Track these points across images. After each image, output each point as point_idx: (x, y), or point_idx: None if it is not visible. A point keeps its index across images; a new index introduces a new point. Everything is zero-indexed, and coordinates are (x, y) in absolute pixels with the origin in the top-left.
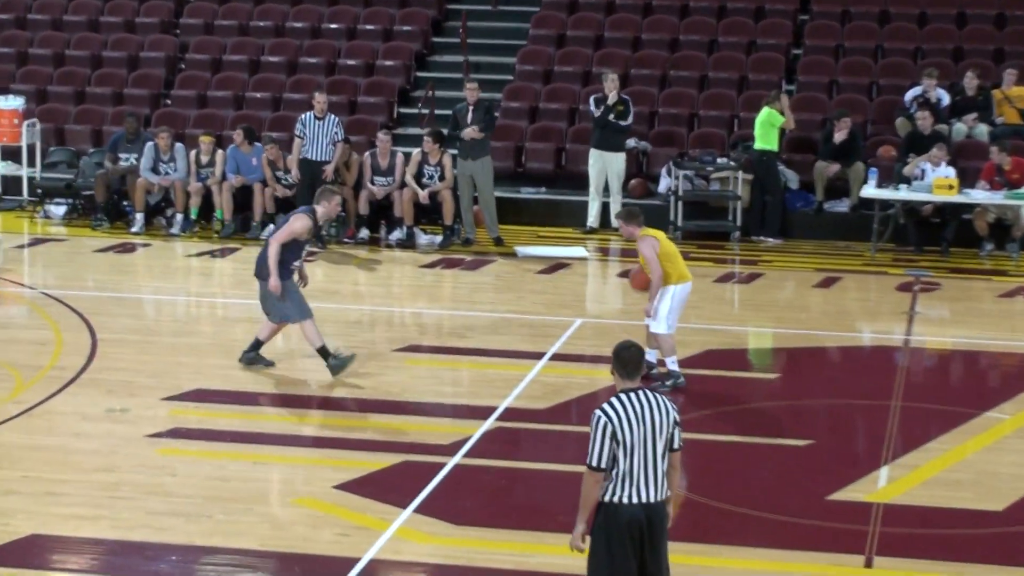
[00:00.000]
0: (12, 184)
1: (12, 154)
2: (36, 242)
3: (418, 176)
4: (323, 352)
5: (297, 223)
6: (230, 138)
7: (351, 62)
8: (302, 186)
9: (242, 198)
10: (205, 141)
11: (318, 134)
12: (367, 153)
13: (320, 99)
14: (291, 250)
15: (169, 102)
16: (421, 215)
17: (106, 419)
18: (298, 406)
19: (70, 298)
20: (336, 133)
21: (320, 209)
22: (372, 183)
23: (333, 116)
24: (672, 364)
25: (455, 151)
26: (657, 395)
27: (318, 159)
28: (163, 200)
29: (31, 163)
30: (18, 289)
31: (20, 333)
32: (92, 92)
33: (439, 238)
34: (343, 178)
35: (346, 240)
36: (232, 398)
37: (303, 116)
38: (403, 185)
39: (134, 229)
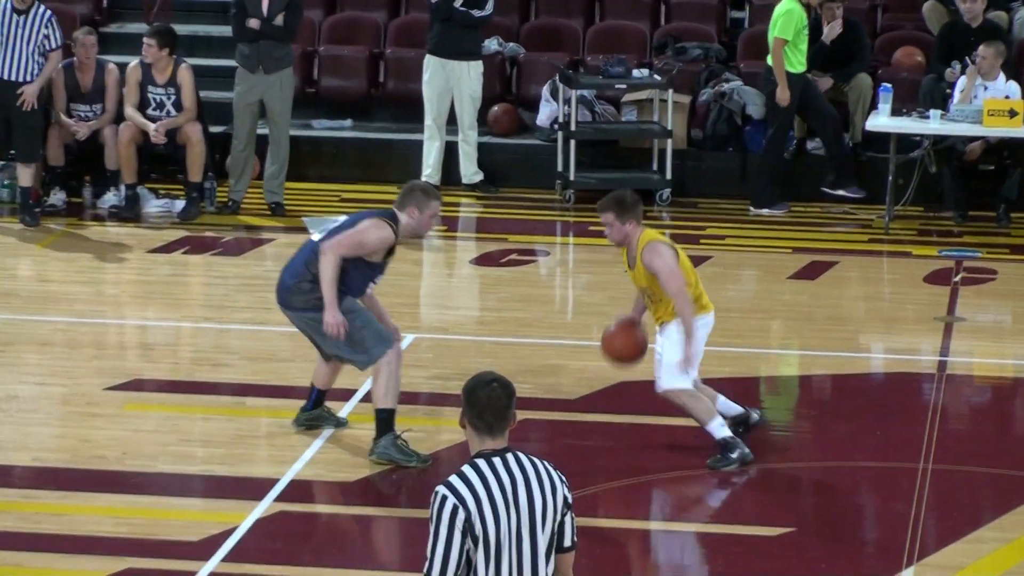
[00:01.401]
0: None
1: None
2: None
3: (142, 104)
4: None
5: (372, 232)
6: None
7: None
8: None
9: None
10: None
11: (15, 36)
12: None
13: None
14: (359, 273)
15: None
16: (150, 166)
17: None
18: None
19: None
20: (46, 36)
21: (405, 218)
22: (68, 114)
23: (43, 8)
24: (719, 430)
25: (218, 60)
26: (535, 461)
27: (12, 78)
28: None
29: None
30: None
31: None
32: None
33: (180, 203)
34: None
35: (36, 210)
36: None
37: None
38: (120, 118)
39: None
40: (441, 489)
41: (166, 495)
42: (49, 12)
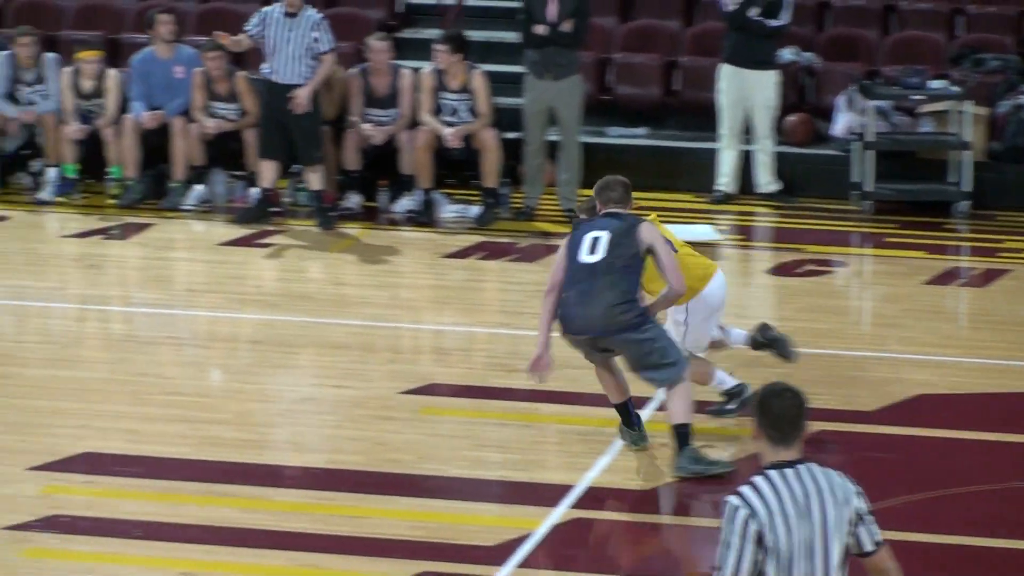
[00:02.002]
0: None
1: None
2: None
3: (436, 110)
4: (683, 436)
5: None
6: (130, 45)
7: None
8: (266, 128)
9: (156, 141)
10: (87, 59)
11: (285, 39)
12: (353, 70)
13: None
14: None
15: None
16: (446, 171)
17: None
18: (252, 480)
19: None
20: (316, 39)
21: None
22: (365, 119)
23: (313, 12)
24: (724, 380)
25: (509, 67)
26: (829, 472)
27: (285, 80)
28: (26, 146)
29: None
30: None
31: None
32: None
33: (475, 209)
34: (324, 110)
35: (331, 214)
36: (143, 468)
37: (265, 10)
38: (414, 123)
39: None
40: (733, 499)
41: (461, 499)
42: (319, 15)
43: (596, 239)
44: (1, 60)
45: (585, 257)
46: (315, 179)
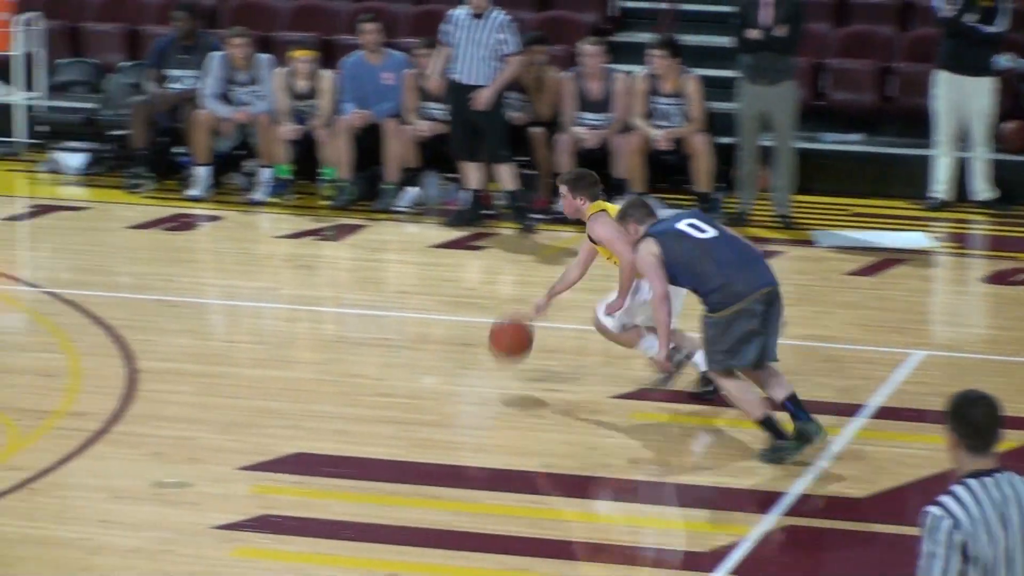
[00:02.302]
0: (1, 118)
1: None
2: (38, 211)
3: (649, 114)
4: (770, 426)
5: None
6: (342, 47)
7: None
8: (456, 129)
9: (369, 143)
10: (302, 58)
11: (472, 41)
12: (567, 73)
13: None
14: None
15: None
16: (658, 176)
17: (152, 499)
18: (462, 483)
19: (92, 302)
20: (501, 41)
21: None
22: (577, 123)
23: (499, 13)
24: (649, 348)
25: (723, 71)
26: None
27: (470, 81)
28: (239, 147)
29: (29, 85)
30: (10, 287)
31: (14, 358)
32: None
33: None
34: (535, 110)
35: (533, 216)
36: (353, 469)
37: (453, 13)
38: (626, 127)
39: (193, 192)
40: (935, 509)
41: (672, 505)
42: (506, 17)
43: (692, 225)
44: (215, 61)
45: (702, 235)
46: (506, 178)
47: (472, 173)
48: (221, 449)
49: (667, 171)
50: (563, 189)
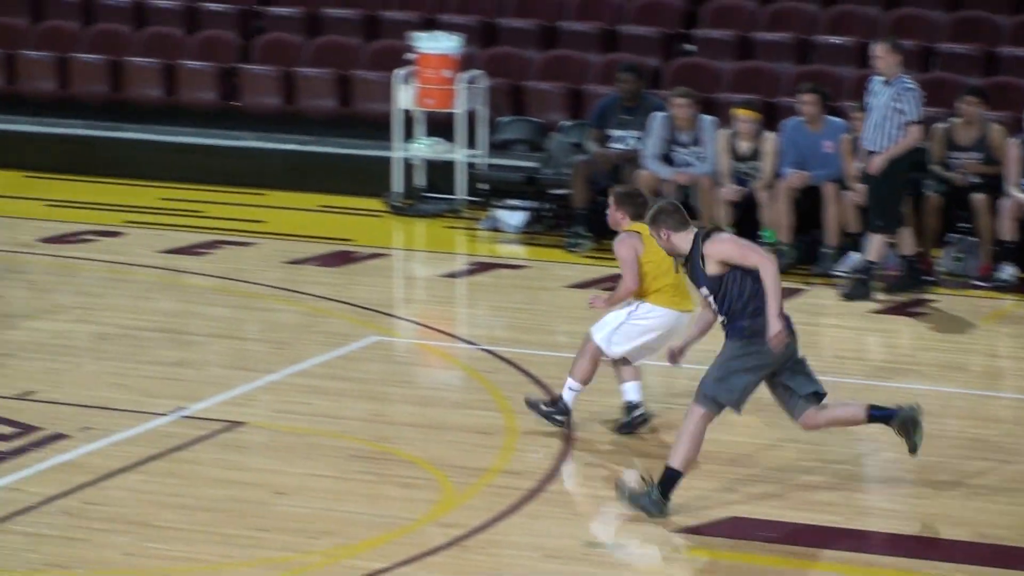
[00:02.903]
0: (441, 175)
1: (442, 127)
2: (478, 268)
3: None
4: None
5: None
6: (784, 109)
7: None
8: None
9: (809, 207)
10: (744, 118)
11: (875, 106)
12: (1013, 139)
13: (882, 51)
14: None
15: (691, 47)
16: None
17: (583, 559)
18: (894, 550)
19: (529, 361)
20: (900, 109)
21: None
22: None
23: (905, 80)
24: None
25: None
26: None
27: (868, 146)
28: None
29: (471, 143)
30: (447, 344)
31: (449, 415)
32: (570, 28)
33: None
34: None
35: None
36: (787, 533)
37: (872, 78)
38: None
39: None
40: None
41: None
42: (911, 84)
43: None
44: (658, 121)
45: None
46: (871, 246)
47: (903, 239)
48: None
49: None
50: (611, 199)
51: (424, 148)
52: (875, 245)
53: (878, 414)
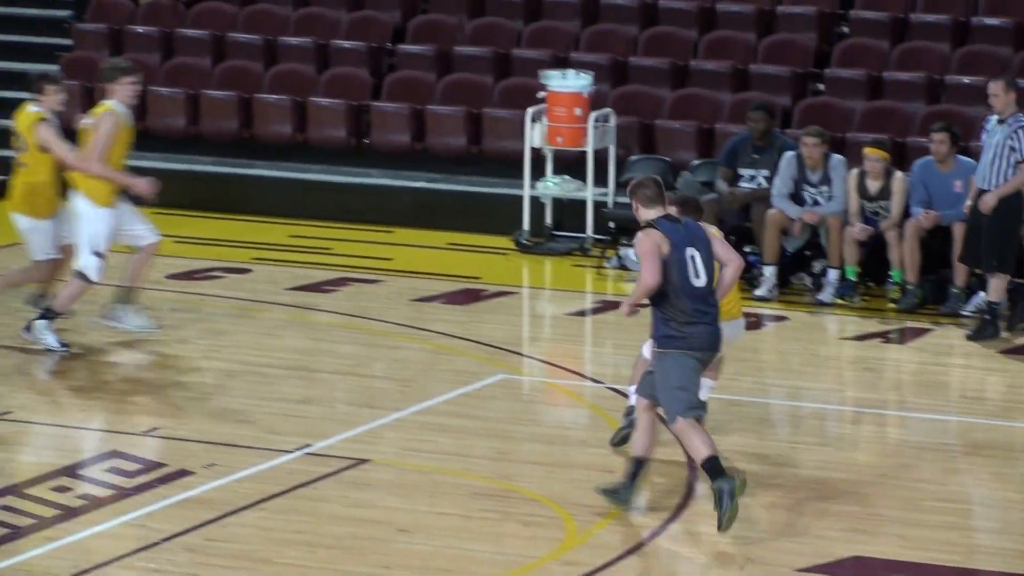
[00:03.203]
0: (571, 213)
1: (572, 165)
2: (604, 307)
3: None
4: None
5: None
6: (914, 149)
7: None
8: (968, 234)
9: (937, 246)
10: (874, 156)
11: (990, 144)
12: None
13: (998, 88)
14: None
15: (821, 87)
16: None
17: None
18: None
19: None
20: (1012, 148)
21: None
22: None
23: (1021, 116)
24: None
25: None
26: None
27: (980, 184)
28: (809, 246)
29: (600, 181)
30: (574, 382)
31: (577, 453)
32: (700, 67)
33: None
34: None
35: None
36: (911, 574)
37: (988, 117)
38: None
39: (760, 292)
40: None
41: None
42: (1021, 123)
43: (693, 258)
44: (787, 160)
45: (695, 281)
46: (992, 288)
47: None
48: (779, 550)
49: None
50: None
51: (553, 186)
52: (995, 285)
53: (710, 467)
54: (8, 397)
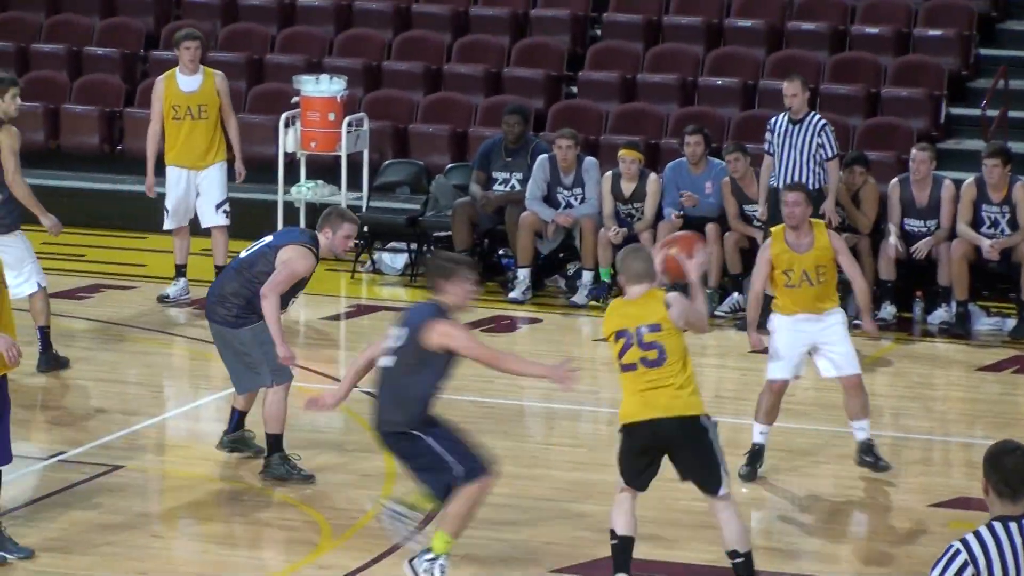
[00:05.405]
0: None
1: (326, 169)
2: (357, 311)
3: (976, 222)
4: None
5: (300, 263)
6: (669, 151)
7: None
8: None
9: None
10: (629, 158)
11: (790, 146)
12: (894, 180)
13: (792, 88)
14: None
15: (575, 89)
16: (983, 283)
17: None
18: None
19: None
20: (820, 145)
21: (323, 240)
22: (901, 229)
23: (816, 117)
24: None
25: None
26: None
27: (778, 184)
28: (563, 249)
29: (354, 185)
30: (329, 386)
31: (328, 456)
32: (454, 71)
33: (1011, 322)
34: (858, 223)
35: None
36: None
37: (772, 120)
38: (952, 235)
39: (514, 295)
40: (956, 544)
41: None
42: (823, 121)
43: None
44: (540, 163)
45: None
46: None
47: None
48: (535, 551)
49: (991, 279)
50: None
51: (307, 191)
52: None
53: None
54: None
